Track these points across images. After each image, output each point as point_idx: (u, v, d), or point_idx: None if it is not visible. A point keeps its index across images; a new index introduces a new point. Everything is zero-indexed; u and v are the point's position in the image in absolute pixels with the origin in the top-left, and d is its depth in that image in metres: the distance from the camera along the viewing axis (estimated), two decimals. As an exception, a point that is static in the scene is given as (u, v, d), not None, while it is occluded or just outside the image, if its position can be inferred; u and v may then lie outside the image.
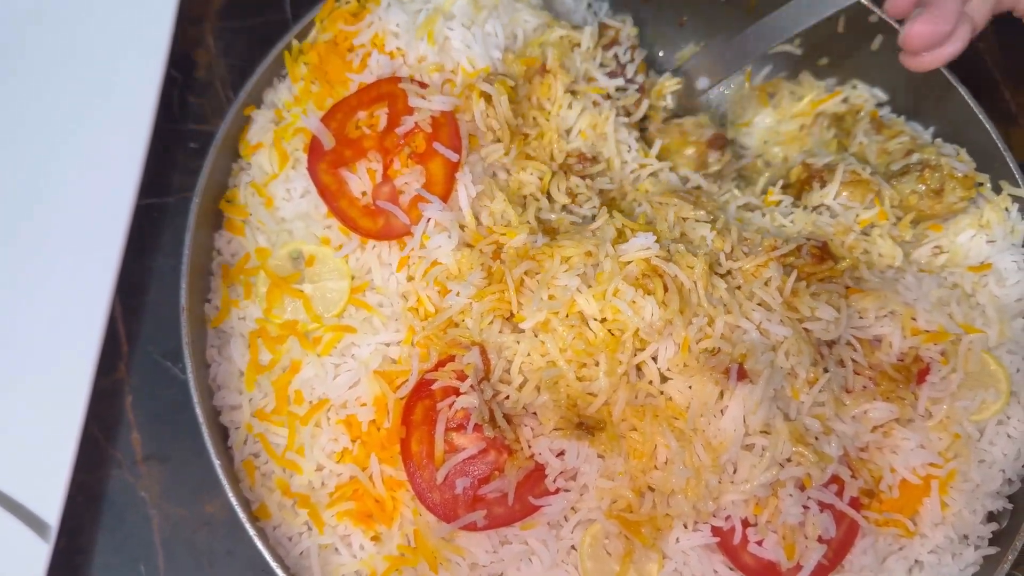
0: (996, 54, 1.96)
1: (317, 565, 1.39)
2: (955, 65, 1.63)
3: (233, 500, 1.37)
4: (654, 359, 1.39)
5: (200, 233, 1.51)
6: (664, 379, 1.40)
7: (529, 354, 1.39)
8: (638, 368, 1.40)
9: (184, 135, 1.78)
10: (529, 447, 1.37)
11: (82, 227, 1.58)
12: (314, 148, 1.52)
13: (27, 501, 1.44)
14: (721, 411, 1.36)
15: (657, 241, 1.43)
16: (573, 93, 1.63)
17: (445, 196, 1.48)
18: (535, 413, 1.38)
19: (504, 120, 1.54)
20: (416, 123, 1.49)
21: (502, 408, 1.38)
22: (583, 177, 1.60)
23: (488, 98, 1.52)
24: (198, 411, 1.40)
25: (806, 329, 1.45)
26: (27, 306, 1.56)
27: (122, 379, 1.64)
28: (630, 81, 1.72)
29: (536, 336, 1.39)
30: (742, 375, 1.36)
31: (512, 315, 1.42)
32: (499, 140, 1.55)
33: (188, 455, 1.58)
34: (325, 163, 1.51)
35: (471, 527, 1.35)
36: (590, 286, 1.39)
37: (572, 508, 1.37)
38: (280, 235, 1.53)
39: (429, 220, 1.46)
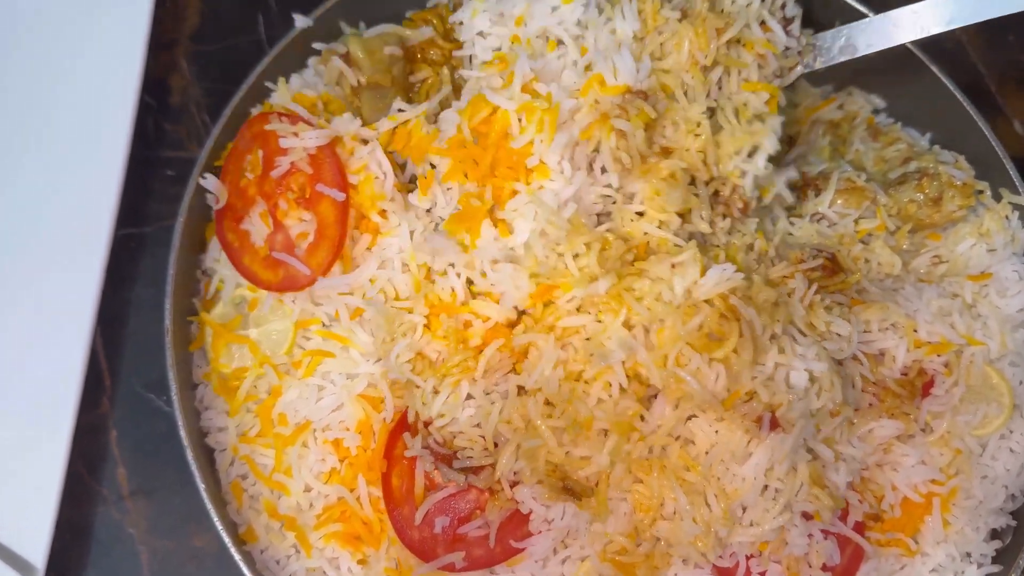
0: (980, 48, 1.94)
1: None
2: (940, 59, 1.61)
3: (218, 523, 1.35)
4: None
5: (184, 254, 1.48)
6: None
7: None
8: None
9: (160, 162, 1.75)
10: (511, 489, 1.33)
11: (59, 260, 1.56)
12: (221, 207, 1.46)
13: (12, 543, 1.43)
14: (745, 457, 1.30)
15: (738, 271, 1.33)
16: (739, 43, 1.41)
17: (339, 240, 1.38)
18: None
19: (636, 151, 1.37)
20: (292, 163, 1.40)
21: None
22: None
23: (622, 132, 1.36)
24: (182, 433, 1.39)
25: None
26: (5, 343, 1.53)
27: (105, 414, 1.61)
28: (796, 39, 1.49)
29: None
30: (774, 424, 1.30)
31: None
32: (628, 171, 1.38)
33: (175, 488, 1.56)
34: (228, 220, 1.45)
35: (450, 568, 1.32)
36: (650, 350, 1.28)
37: (563, 542, 1.33)
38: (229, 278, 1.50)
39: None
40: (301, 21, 1.56)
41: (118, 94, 1.61)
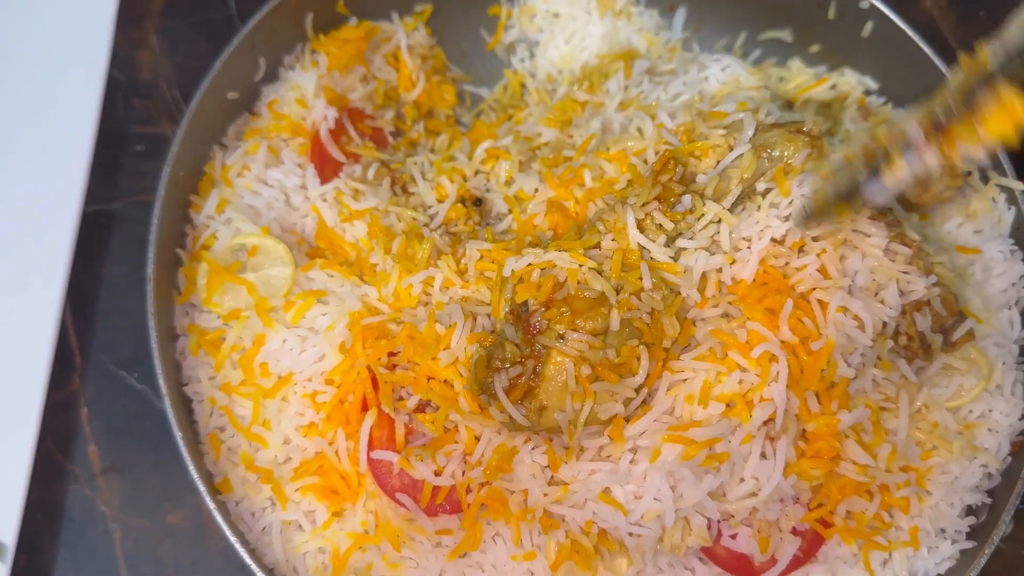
0: (952, 23, 1.95)
1: (279, 542, 1.37)
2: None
3: (193, 472, 1.34)
4: None
5: (168, 205, 1.47)
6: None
7: None
8: None
9: (130, 138, 1.73)
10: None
11: (28, 237, 1.54)
12: None
13: (-19, 522, 1.41)
14: None
15: None
16: None
17: None
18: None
19: None
20: None
21: None
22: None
23: None
24: (161, 381, 1.37)
25: None
26: (-27, 321, 1.51)
27: (76, 391, 1.60)
28: None
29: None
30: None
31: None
32: None
33: (147, 465, 1.55)
34: None
35: (431, 512, 1.33)
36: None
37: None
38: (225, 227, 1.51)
39: None
40: None
41: (86, 69, 1.61)
